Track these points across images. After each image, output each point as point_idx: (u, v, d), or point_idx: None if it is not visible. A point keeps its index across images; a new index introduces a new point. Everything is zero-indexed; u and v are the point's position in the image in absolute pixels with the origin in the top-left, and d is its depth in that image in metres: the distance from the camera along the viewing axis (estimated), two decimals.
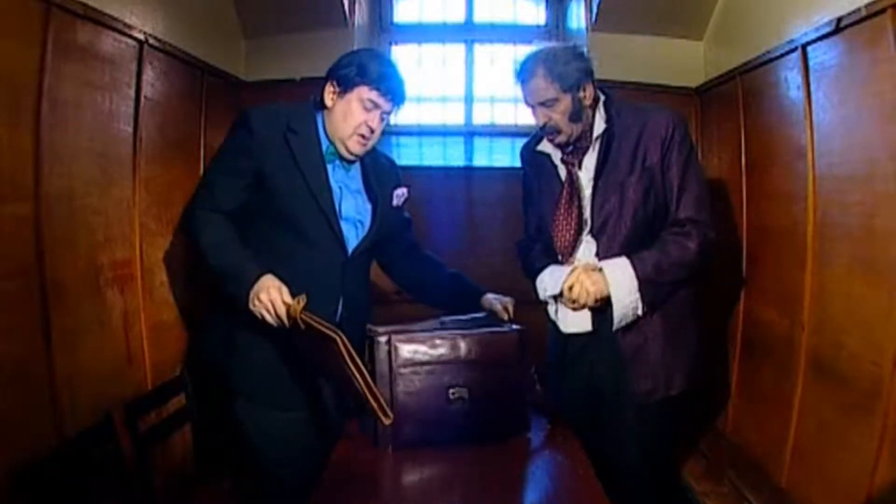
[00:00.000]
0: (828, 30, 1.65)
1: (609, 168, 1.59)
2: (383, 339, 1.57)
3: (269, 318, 1.38)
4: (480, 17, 3.21)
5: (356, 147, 1.53)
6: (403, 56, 3.21)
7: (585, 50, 1.63)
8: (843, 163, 1.65)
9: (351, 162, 1.58)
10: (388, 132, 3.11)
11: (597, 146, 1.62)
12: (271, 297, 1.36)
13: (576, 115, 1.59)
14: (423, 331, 1.63)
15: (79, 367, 1.55)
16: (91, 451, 1.51)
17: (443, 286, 1.81)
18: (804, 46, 1.78)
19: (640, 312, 1.55)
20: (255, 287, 1.39)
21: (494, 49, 3.20)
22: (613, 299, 1.52)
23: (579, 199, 1.62)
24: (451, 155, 3.04)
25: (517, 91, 1.65)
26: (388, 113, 1.54)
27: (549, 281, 1.64)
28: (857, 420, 1.53)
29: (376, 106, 1.50)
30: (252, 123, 1.49)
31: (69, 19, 1.52)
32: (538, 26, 3.18)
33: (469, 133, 3.17)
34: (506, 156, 3.02)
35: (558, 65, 1.56)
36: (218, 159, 1.57)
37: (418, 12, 3.22)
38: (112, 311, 1.72)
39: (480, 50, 3.20)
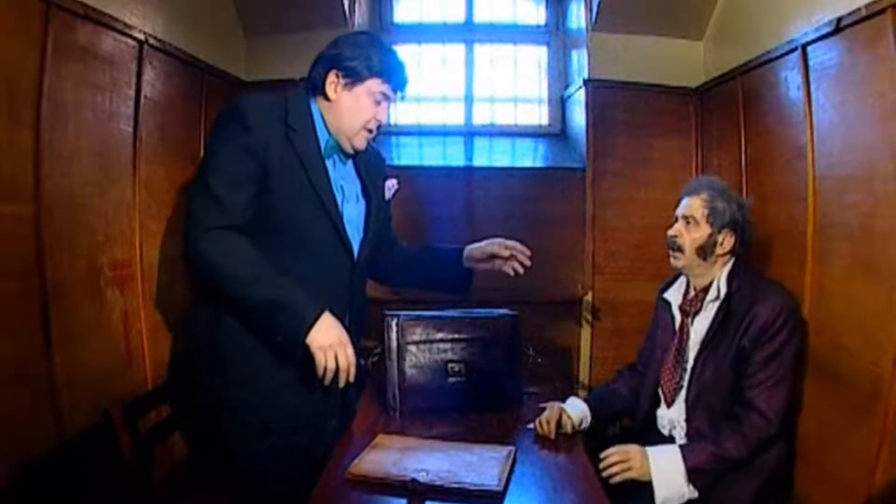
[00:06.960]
0: (828, 30, 1.65)
1: (715, 341, 1.63)
2: (394, 321, 1.76)
3: (326, 370, 1.32)
4: (480, 17, 3.20)
5: (362, 142, 1.47)
6: (403, 56, 3.19)
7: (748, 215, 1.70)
8: (843, 163, 1.65)
9: (349, 156, 1.52)
10: (388, 132, 3.12)
11: (711, 312, 1.67)
12: (348, 356, 1.33)
13: (703, 251, 1.67)
14: (428, 314, 1.82)
15: (79, 367, 1.55)
16: (91, 451, 1.52)
17: (425, 265, 1.76)
18: (804, 46, 1.78)
19: (689, 497, 1.52)
20: (320, 330, 1.30)
21: (494, 49, 3.19)
22: (655, 484, 1.51)
23: (684, 358, 1.69)
24: (451, 155, 3.04)
25: (517, 90, 1.65)
26: (393, 102, 1.50)
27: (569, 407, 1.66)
28: (857, 420, 1.52)
29: (386, 98, 1.46)
30: (249, 120, 1.33)
31: (69, 19, 1.53)
32: (538, 26, 3.17)
33: (469, 133, 3.17)
34: (506, 156, 3.02)
35: (720, 199, 1.67)
36: (217, 165, 1.34)
37: (418, 12, 3.21)
38: (112, 311, 1.73)
39: (480, 50, 3.19)
